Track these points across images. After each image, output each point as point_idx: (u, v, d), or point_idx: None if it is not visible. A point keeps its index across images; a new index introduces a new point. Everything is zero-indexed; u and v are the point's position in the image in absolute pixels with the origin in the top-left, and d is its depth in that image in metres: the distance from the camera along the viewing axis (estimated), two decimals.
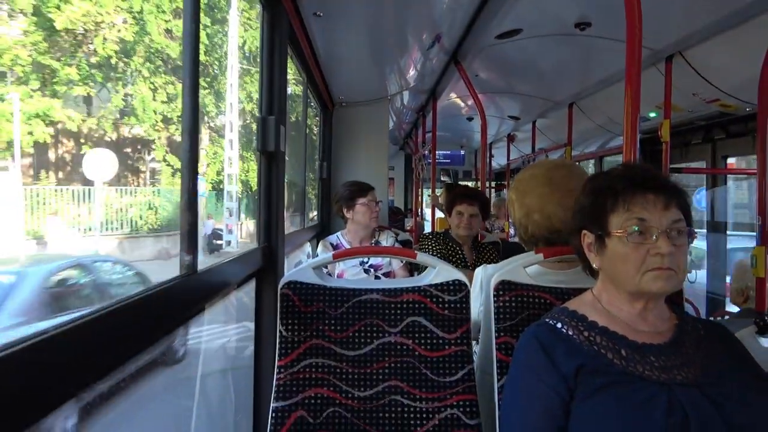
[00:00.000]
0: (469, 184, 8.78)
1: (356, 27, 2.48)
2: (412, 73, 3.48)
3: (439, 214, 5.04)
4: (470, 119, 5.68)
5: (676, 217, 0.99)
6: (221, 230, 14.37)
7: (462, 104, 4.98)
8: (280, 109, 1.67)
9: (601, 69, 3.20)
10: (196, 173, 1.09)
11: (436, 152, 4.50)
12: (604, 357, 1.01)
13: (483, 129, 3.53)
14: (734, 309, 2.55)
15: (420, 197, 6.36)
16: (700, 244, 4.06)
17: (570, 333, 1.06)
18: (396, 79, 3.65)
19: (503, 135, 6.27)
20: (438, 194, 4.65)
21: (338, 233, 2.88)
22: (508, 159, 6.40)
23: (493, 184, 8.57)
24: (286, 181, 1.78)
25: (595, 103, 3.83)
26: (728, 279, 3.37)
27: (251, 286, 1.61)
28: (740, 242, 3.97)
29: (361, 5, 2.20)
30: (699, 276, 4.11)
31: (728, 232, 3.96)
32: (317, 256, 2.77)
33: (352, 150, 4.13)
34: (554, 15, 2.49)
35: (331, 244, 2.82)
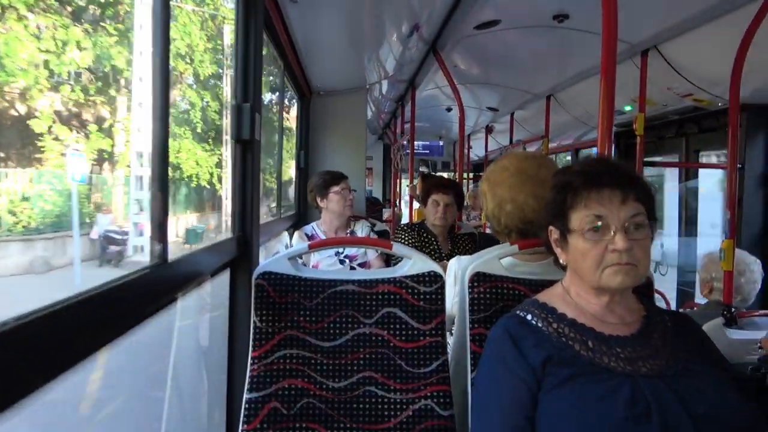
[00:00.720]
0: (447, 175, 8.80)
1: (333, 14, 2.44)
2: (390, 62, 3.46)
3: (417, 205, 5.04)
4: (449, 110, 5.68)
5: (634, 211, 1.00)
6: (120, 232, 8.65)
7: (441, 95, 4.98)
8: (255, 96, 1.64)
9: (578, 62, 3.23)
10: (167, 159, 1.07)
11: (415, 143, 4.49)
12: (571, 348, 1.02)
13: (461, 120, 3.54)
14: (704, 301, 2.61)
15: (398, 188, 6.34)
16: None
17: (539, 325, 1.07)
18: (374, 68, 3.62)
19: (481, 126, 6.30)
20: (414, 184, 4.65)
21: (313, 224, 2.86)
22: (486, 150, 6.42)
23: (471, 175, 8.59)
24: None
25: (571, 96, 3.86)
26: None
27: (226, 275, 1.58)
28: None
29: None
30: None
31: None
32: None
33: (330, 139, 4.09)
34: (532, 7, 2.50)
35: (306, 235, 2.80)
